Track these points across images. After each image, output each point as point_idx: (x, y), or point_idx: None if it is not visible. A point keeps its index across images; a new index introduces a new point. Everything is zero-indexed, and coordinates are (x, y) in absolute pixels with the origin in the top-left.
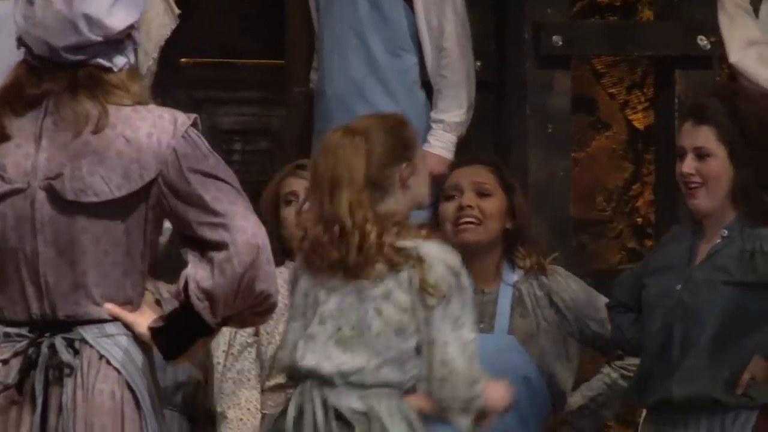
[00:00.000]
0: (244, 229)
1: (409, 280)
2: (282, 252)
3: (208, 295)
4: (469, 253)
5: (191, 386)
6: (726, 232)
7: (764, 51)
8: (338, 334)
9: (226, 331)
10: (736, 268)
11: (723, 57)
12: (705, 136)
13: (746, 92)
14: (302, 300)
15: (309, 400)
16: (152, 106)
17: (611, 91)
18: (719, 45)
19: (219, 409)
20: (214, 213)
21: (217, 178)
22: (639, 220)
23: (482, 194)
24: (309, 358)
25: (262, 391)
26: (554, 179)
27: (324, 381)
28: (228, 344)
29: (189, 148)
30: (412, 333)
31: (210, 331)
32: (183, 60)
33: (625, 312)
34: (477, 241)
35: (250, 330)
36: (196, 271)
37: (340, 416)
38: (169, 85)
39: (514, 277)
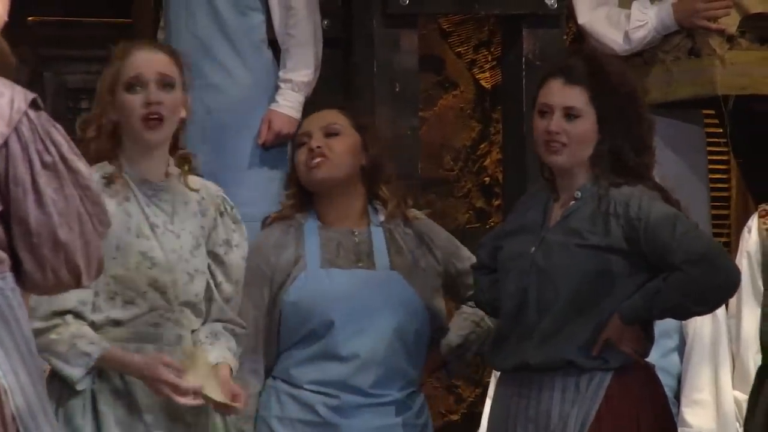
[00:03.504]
0: None
1: None
2: None
3: None
4: (326, 192)
5: None
6: (579, 194)
7: (613, 12)
8: None
9: None
10: (590, 231)
11: (570, 16)
12: (576, 97)
13: (608, 56)
14: None
15: None
16: None
17: (458, 50)
18: (567, 4)
19: None
20: None
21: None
22: (487, 179)
23: (330, 134)
24: None
25: None
26: (402, 138)
27: None
28: None
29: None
30: None
31: None
32: (30, 18)
33: (487, 273)
34: (328, 177)
35: None
36: None
37: None
38: (15, 42)
39: (380, 217)
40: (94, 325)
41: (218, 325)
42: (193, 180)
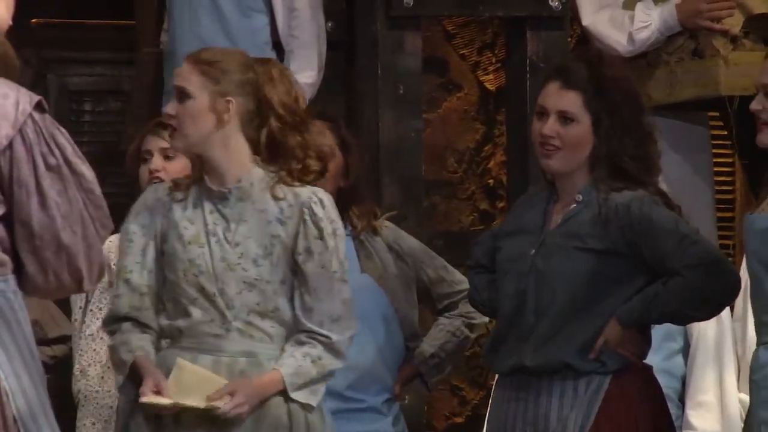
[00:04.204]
0: None
1: None
2: None
3: None
4: None
5: None
6: (581, 197)
7: (616, 14)
8: None
9: None
10: (590, 235)
11: (574, 18)
12: (571, 101)
13: (611, 60)
14: None
15: None
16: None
17: (462, 52)
18: (570, 6)
19: (78, 366)
20: None
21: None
22: (491, 181)
23: None
24: None
25: None
26: (405, 140)
27: None
28: (85, 301)
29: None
30: None
31: None
32: (33, 20)
33: (483, 273)
34: None
35: (104, 286)
36: None
37: None
38: (18, 44)
39: (347, 228)
40: (162, 332)
41: (301, 335)
42: (282, 188)
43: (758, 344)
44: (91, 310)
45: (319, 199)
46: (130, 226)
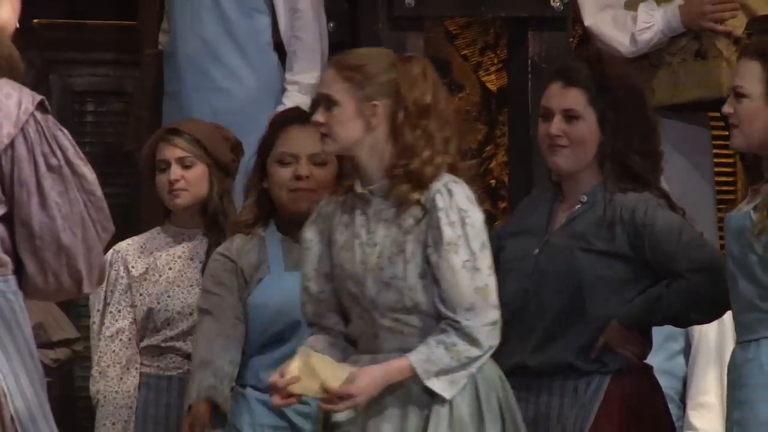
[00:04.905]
0: None
1: None
2: (164, 214)
3: None
4: (299, 219)
5: None
6: (586, 197)
7: (619, 14)
8: None
9: (100, 291)
10: (595, 236)
11: (576, 18)
12: (575, 99)
13: (612, 57)
14: None
15: None
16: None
17: (464, 52)
18: (572, 6)
19: (97, 368)
20: None
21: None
22: (493, 181)
23: (318, 163)
24: None
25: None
26: None
27: None
28: (103, 303)
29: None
30: None
31: None
32: (35, 21)
33: None
34: (311, 209)
35: (123, 288)
36: None
37: None
38: (21, 45)
39: None
40: (347, 338)
41: (440, 325)
42: (416, 183)
43: (736, 343)
44: (110, 312)
45: (447, 189)
46: (306, 234)
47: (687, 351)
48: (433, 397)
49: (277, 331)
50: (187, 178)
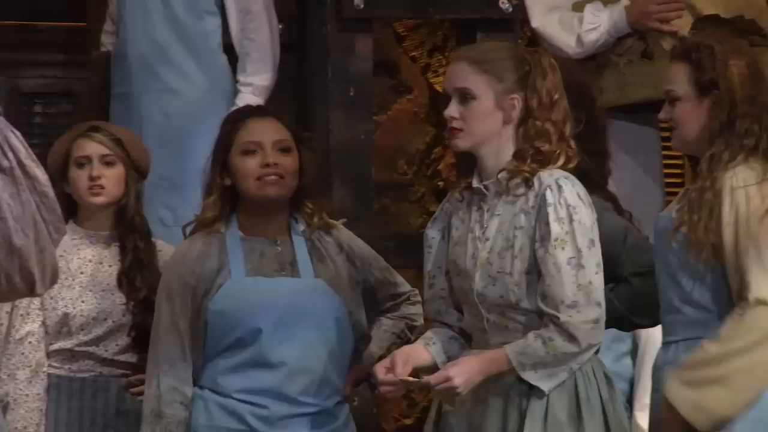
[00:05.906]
0: None
1: None
2: (68, 212)
3: None
4: (268, 207)
5: None
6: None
7: (565, 16)
8: None
9: None
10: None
11: (525, 20)
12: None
13: (562, 61)
14: None
15: None
16: None
17: (413, 54)
18: (521, 8)
19: (5, 370)
20: None
21: None
22: (440, 183)
23: (283, 150)
24: None
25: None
26: (356, 142)
27: None
28: (11, 305)
29: None
30: None
31: None
32: None
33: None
34: (281, 195)
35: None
36: None
37: None
38: None
39: (300, 227)
40: (464, 335)
41: (542, 320)
42: (530, 177)
43: (662, 343)
44: (20, 315)
45: (558, 185)
46: (429, 231)
47: (634, 352)
48: (531, 390)
49: (238, 337)
50: (108, 177)
